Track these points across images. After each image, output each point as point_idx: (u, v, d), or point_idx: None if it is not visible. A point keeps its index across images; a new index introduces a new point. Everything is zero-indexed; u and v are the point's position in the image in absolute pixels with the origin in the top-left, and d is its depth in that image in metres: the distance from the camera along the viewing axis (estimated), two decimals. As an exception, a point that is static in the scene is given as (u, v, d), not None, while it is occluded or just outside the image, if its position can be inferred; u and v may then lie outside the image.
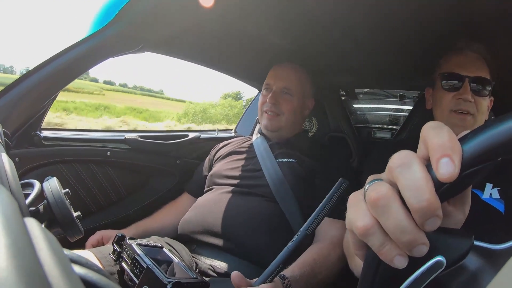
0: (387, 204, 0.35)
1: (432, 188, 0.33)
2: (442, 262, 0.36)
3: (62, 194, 0.75)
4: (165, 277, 0.90)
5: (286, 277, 1.07)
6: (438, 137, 0.35)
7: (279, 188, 1.41)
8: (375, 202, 0.35)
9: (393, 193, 0.35)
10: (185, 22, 1.36)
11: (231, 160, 1.64)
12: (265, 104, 1.61)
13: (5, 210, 0.20)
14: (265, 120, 1.61)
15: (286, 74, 1.63)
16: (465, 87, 1.17)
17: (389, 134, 2.25)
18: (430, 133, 0.36)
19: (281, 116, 1.59)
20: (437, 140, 0.35)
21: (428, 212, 0.33)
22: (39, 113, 1.31)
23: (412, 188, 0.34)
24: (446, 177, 0.33)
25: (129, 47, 1.37)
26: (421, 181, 0.34)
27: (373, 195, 0.36)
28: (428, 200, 0.33)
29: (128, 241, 1.07)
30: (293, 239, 0.63)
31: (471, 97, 1.16)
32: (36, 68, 1.20)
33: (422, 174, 0.34)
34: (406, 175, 0.35)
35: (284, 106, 1.59)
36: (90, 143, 1.59)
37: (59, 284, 0.17)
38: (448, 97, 1.20)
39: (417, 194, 0.33)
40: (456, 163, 0.33)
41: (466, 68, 1.18)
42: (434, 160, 0.34)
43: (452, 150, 0.34)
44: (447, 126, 0.36)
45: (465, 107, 1.17)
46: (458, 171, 0.33)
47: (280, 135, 1.64)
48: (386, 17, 1.26)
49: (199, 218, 1.41)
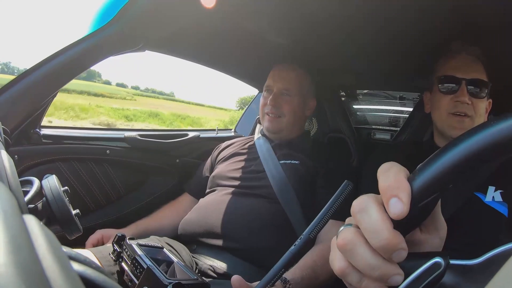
0: (353, 248, 0.38)
1: (389, 226, 0.37)
2: (441, 263, 0.37)
3: (61, 191, 0.75)
4: (165, 278, 0.90)
5: (288, 280, 1.07)
6: (385, 180, 0.39)
7: (281, 189, 1.41)
8: (343, 248, 0.39)
9: (357, 237, 0.39)
10: (185, 21, 1.36)
11: (234, 162, 1.63)
12: (266, 106, 1.61)
13: (3, 206, 0.20)
14: (266, 122, 1.61)
15: (285, 75, 1.63)
16: (462, 90, 1.17)
17: (388, 135, 2.25)
18: (380, 178, 0.40)
19: (282, 118, 1.59)
20: (384, 183, 0.38)
21: (390, 248, 0.36)
22: (39, 111, 1.31)
23: (371, 230, 0.37)
24: (397, 215, 0.36)
25: (130, 45, 1.37)
26: (378, 223, 0.37)
27: (340, 242, 0.40)
28: (386, 238, 0.36)
29: (128, 241, 1.07)
30: (296, 243, 0.63)
31: (468, 99, 1.17)
32: (36, 66, 1.19)
33: (378, 216, 0.37)
34: (365, 219, 0.38)
35: (284, 108, 1.59)
36: (89, 141, 1.59)
37: (57, 281, 0.17)
38: (445, 100, 1.21)
39: (376, 235, 0.37)
40: (404, 201, 0.36)
41: (462, 70, 1.19)
42: (385, 201, 0.38)
43: (399, 190, 0.37)
44: (395, 167, 0.40)
45: (462, 109, 1.18)
46: (407, 208, 0.36)
47: (282, 137, 1.64)
48: (387, 19, 1.26)
49: (200, 219, 1.41)
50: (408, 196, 0.37)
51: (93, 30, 1.25)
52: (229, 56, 1.88)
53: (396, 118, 2.43)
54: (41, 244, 0.20)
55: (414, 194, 0.37)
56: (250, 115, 2.44)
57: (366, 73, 1.94)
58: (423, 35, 1.33)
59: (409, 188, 0.37)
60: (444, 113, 1.21)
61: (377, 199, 0.39)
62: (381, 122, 2.48)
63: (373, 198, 0.39)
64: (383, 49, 1.55)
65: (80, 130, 1.69)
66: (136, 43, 1.38)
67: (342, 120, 2.11)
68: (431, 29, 1.27)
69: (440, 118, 1.24)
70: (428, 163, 0.38)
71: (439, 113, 1.24)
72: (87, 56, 1.27)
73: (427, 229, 0.43)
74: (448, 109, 1.20)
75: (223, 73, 2.11)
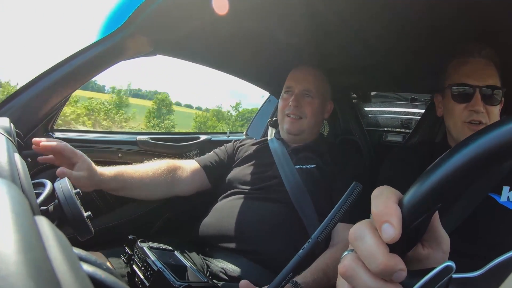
0: (353, 274, 0.40)
1: (385, 250, 0.38)
2: (452, 267, 0.37)
3: (73, 194, 0.75)
4: (175, 280, 0.91)
5: (299, 284, 1.07)
6: (375, 206, 0.41)
7: (297, 194, 1.41)
8: (344, 275, 0.41)
9: (356, 263, 0.40)
10: (195, 25, 1.37)
11: (249, 165, 1.62)
12: (287, 108, 1.60)
13: (16, 207, 0.21)
14: (287, 123, 1.61)
15: (306, 76, 1.63)
16: (476, 98, 1.16)
17: (400, 137, 2.23)
18: (372, 204, 0.42)
19: (304, 119, 1.59)
20: (375, 210, 0.40)
21: (388, 271, 0.37)
22: (52, 114, 1.33)
23: (368, 256, 0.39)
24: (389, 239, 0.38)
25: (141, 50, 1.38)
26: (373, 248, 0.39)
27: (341, 269, 0.42)
28: (382, 263, 0.37)
29: (139, 244, 1.08)
30: (304, 247, 0.62)
31: (483, 108, 1.16)
32: (49, 70, 1.21)
33: (373, 242, 0.39)
34: (361, 246, 0.40)
35: (306, 109, 1.59)
36: (101, 145, 1.60)
37: (67, 281, 0.18)
38: (459, 108, 1.20)
39: (373, 260, 0.38)
40: (395, 225, 0.38)
41: (475, 77, 1.18)
42: (378, 228, 0.39)
43: (389, 215, 0.39)
44: (386, 191, 0.43)
45: (477, 118, 1.17)
46: (398, 232, 0.38)
47: (301, 139, 1.63)
48: (398, 20, 1.25)
49: (215, 223, 1.41)
50: (398, 220, 0.38)
51: (104, 35, 1.26)
52: (239, 59, 1.88)
53: (408, 120, 2.41)
54: (52, 244, 0.20)
55: (404, 217, 0.39)
56: (262, 118, 2.44)
57: (377, 74, 1.93)
58: (434, 34, 1.32)
59: (398, 212, 0.39)
60: (458, 122, 1.21)
61: (372, 225, 0.41)
62: (393, 124, 2.46)
63: (368, 225, 0.41)
64: (394, 49, 1.54)
65: (92, 134, 1.71)
66: (147, 48, 1.39)
67: (354, 122, 2.10)
68: (442, 28, 1.26)
69: (455, 127, 1.23)
70: (414, 186, 0.41)
71: (454, 121, 1.23)
72: (99, 61, 1.28)
73: (429, 244, 0.44)
74: (463, 118, 1.19)
75: (234, 76, 2.11)
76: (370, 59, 1.69)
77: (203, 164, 1.63)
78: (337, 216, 0.58)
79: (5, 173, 0.45)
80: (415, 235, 0.41)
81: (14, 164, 0.50)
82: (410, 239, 0.41)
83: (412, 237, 0.41)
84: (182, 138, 1.94)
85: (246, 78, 2.20)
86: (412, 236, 0.41)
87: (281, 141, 1.65)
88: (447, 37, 1.31)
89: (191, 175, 1.56)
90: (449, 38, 1.31)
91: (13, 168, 0.48)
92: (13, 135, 0.79)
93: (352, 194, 0.57)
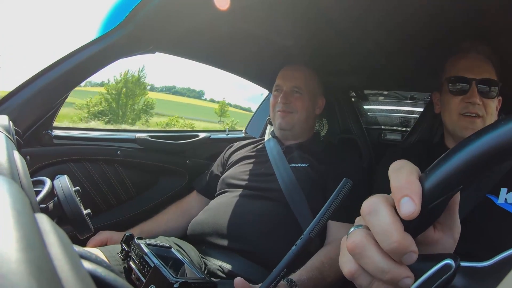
0: (362, 251, 0.38)
1: (400, 228, 0.36)
2: (451, 265, 0.36)
3: (72, 191, 0.75)
4: (172, 277, 0.91)
5: (294, 281, 1.07)
6: (396, 179, 0.39)
7: (291, 192, 1.41)
8: (352, 251, 0.39)
9: (367, 239, 0.38)
10: (195, 23, 1.36)
11: (244, 164, 1.64)
12: (277, 105, 1.62)
13: (16, 205, 0.21)
14: (278, 118, 1.61)
15: (294, 74, 1.64)
16: (472, 90, 1.17)
17: (399, 136, 2.23)
18: (391, 177, 0.39)
19: (294, 113, 1.60)
20: (395, 183, 0.38)
21: (400, 250, 0.36)
22: (51, 112, 1.33)
23: (381, 232, 0.37)
24: (408, 215, 0.36)
25: (140, 48, 1.38)
26: (388, 225, 0.37)
27: (350, 244, 0.39)
28: (397, 241, 0.36)
29: (136, 240, 1.08)
30: (297, 243, 0.63)
31: (479, 100, 1.16)
32: (48, 68, 1.21)
33: (388, 218, 0.37)
34: (374, 222, 0.38)
35: (296, 104, 1.60)
36: (100, 142, 1.61)
37: (68, 278, 0.18)
38: (456, 100, 1.20)
39: (386, 237, 0.36)
40: (416, 201, 0.36)
41: (472, 71, 1.18)
42: (396, 201, 0.37)
43: (410, 190, 0.37)
44: (407, 166, 0.40)
45: (473, 110, 1.17)
46: (418, 208, 0.36)
47: (293, 135, 1.64)
48: (397, 19, 1.25)
49: (210, 220, 1.41)
50: (419, 196, 0.36)
51: (103, 33, 1.26)
52: (239, 57, 1.88)
53: (407, 119, 2.41)
54: (53, 242, 0.20)
55: (425, 194, 0.37)
56: (261, 116, 2.44)
57: (376, 72, 1.93)
58: (433, 35, 1.32)
59: (420, 188, 0.37)
60: (455, 114, 1.21)
61: (387, 200, 0.39)
62: (392, 123, 2.46)
63: (383, 199, 0.39)
64: (393, 48, 1.53)
65: (91, 131, 1.71)
66: (146, 45, 1.39)
67: (353, 121, 2.10)
68: (441, 28, 1.26)
69: (450, 119, 1.23)
70: (438, 164, 0.38)
71: (450, 114, 1.23)
72: (98, 58, 1.28)
73: (442, 227, 0.42)
74: (459, 110, 1.19)
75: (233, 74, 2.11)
76: (371, 58, 1.69)
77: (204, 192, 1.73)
78: (328, 212, 0.59)
79: (4, 171, 0.45)
80: (430, 217, 0.39)
81: (13, 162, 0.49)
82: (423, 221, 0.39)
83: (426, 219, 0.39)
84: (181, 136, 1.94)
85: (245, 76, 2.20)
86: (426, 217, 0.38)
87: (276, 139, 1.66)
88: (446, 38, 1.32)
89: (197, 205, 1.65)
90: (448, 39, 1.31)
91: (13, 166, 0.48)
92: (12, 133, 0.79)
93: (342, 190, 0.57)
